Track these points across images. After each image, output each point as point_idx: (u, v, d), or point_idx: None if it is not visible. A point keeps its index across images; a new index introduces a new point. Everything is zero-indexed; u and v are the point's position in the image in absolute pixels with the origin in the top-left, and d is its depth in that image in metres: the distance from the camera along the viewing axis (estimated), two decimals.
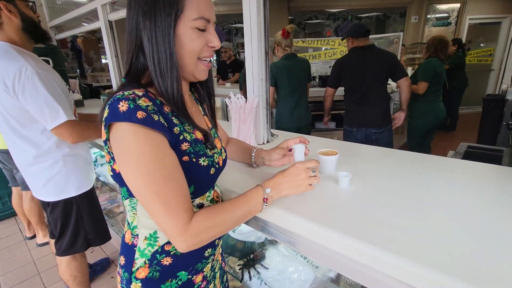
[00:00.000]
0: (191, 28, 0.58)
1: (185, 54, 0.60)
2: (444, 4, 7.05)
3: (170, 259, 0.66)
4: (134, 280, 0.66)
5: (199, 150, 0.63)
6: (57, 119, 1.19)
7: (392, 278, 0.56)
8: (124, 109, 0.51)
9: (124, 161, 0.54)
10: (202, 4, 0.58)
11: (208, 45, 0.62)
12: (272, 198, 0.68)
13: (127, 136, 0.52)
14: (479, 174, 0.92)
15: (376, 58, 2.15)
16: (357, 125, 2.29)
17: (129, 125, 0.52)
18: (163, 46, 0.56)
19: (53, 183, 1.33)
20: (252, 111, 1.18)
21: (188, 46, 0.59)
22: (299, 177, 0.69)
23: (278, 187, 0.68)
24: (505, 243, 0.57)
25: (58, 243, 1.46)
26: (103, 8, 2.00)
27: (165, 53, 0.57)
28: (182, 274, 0.68)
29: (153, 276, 0.66)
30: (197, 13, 0.58)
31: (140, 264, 0.65)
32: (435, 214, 0.68)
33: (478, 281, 0.47)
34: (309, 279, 1.00)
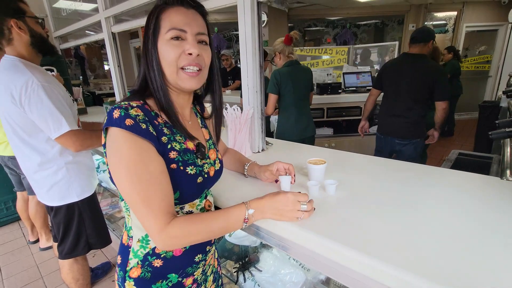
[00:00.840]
0: (167, 41, 0.64)
1: (165, 65, 0.66)
2: (441, 12, 7.16)
3: (161, 261, 0.71)
4: (128, 279, 0.72)
5: (188, 159, 0.68)
6: (60, 129, 1.26)
7: (373, 280, 0.61)
8: (117, 116, 0.59)
9: (113, 163, 0.61)
10: (174, 17, 0.64)
11: (184, 53, 0.65)
12: (254, 218, 0.69)
13: (117, 140, 0.59)
14: (462, 183, 0.97)
15: (420, 69, 2.04)
16: (384, 132, 2.27)
17: (118, 130, 0.59)
18: (152, 64, 0.65)
19: (57, 189, 1.40)
20: (247, 121, 1.25)
21: (165, 57, 0.65)
22: (287, 208, 0.70)
23: (263, 209, 0.70)
24: (477, 249, 0.63)
25: (60, 246, 1.52)
26: (106, 21, 2.08)
27: (154, 70, 0.65)
28: (173, 276, 0.73)
29: (145, 276, 0.71)
30: (169, 25, 0.64)
31: (133, 264, 0.71)
32: (415, 220, 0.74)
33: (453, 282, 0.53)
34: (300, 281, 1.05)
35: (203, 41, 0.68)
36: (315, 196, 0.87)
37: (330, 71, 3.84)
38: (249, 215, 0.68)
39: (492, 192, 0.88)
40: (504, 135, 1.09)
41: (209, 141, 0.82)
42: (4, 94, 1.21)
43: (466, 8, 6.89)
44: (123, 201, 0.71)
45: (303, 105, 2.37)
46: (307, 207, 0.72)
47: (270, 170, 0.95)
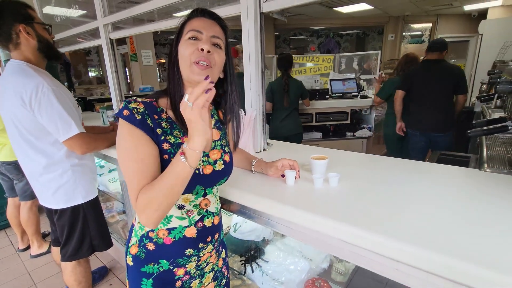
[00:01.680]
0: (185, 40, 0.74)
1: (181, 62, 0.74)
2: (417, 23, 7.61)
3: (153, 245, 0.79)
4: (128, 254, 0.82)
5: None
6: (69, 132, 1.30)
7: (374, 253, 0.71)
8: (120, 107, 0.71)
9: (116, 146, 0.72)
10: (194, 23, 0.75)
11: (197, 49, 0.71)
12: (189, 150, 0.63)
13: (118, 127, 0.71)
14: (447, 174, 1.09)
15: (446, 70, 2.45)
16: (421, 129, 2.59)
17: (120, 119, 0.71)
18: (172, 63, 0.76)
19: (62, 192, 1.42)
20: (250, 123, 1.34)
21: (182, 54, 0.74)
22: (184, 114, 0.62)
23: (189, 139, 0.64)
24: (460, 219, 0.74)
25: (64, 248, 1.53)
26: (105, 28, 2.13)
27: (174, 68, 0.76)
28: (164, 262, 0.80)
29: (140, 255, 0.80)
30: (189, 28, 0.75)
31: (133, 242, 0.81)
32: (409, 203, 0.84)
33: (446, 251, 0.63)
34: (305, 269, 1.13)
35: (217, 44, 0.75)
36: (319, 187, 0.96)
37: (317, 78, 4.00)
38: (184, 148, 0.64)
39: (472, 180, 1.01)
40: (480, 133, 1.23)
41: (216, 142, 0.85)
42: (13, 98, 1.24)
43: (440, 20, 7.37)
44: None
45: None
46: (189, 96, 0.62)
47: (276, 166, 1.03)
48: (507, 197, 0.86)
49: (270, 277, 1.13)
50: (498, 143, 1.58)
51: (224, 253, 1.01)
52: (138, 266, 0.80)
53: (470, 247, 0.63)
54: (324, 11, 6.53)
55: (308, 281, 1.10)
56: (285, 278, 1.12)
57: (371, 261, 0.74)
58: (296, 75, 4.32)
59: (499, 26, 5.20)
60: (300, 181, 1.03)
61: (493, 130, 1.16)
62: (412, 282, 0.69)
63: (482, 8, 6.38)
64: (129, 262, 0.82)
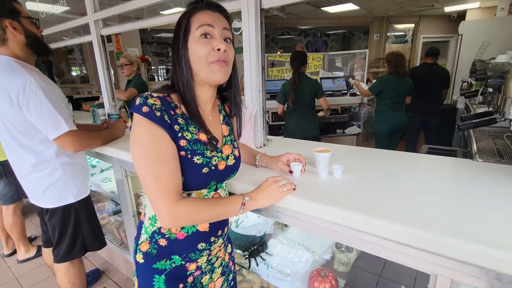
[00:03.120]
0: (197, 38, 0.71)
1: (196, 61, 0.72)
2: (401, 24, 7.84)
3: (165, 241, 0.78)
4: (138, 251, 0.80)
5: (197, 149, 0.75)
6: (58, 129, 1.27)
7: (381, 238, 0.74)
8: (137, 103, 0.68)
9: (132, 144, 0.69)
10: (202, 17, 0.72)
11: (213, 49, 0.71)
12: (250, 206, 0.79)
13: (135, 124, 0.68)
14: (441, 164, 1.15)
15: (439, 71, 3.44)
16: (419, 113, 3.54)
17: (137, 116, 0.68)
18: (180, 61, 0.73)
19: (53, 190, 1.38)
20: (251, 118, 1.35)
21: (196, 53, 0.72)
22: (270, 188, 0.82)
23: (256, 198, 0.80)
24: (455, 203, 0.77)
25: (56, 249, 1.49)
26: (95, 24, 2.08)
27: (183, 66, 0.73)
28: (176, 258, 0.80)
29: (152, 252, 0.79)
30: (198, 23, 0.71)
31: (143, 239, 0.79)
32: (411, 190, 0.88)
33: (434, 229, 0.66)
34: (309, 260, 1.15)
35: (228, 38, 0.76)
36: (324, 179, 0.99)
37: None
38: (246, 201, 0.78)
39: (467, 169, 1.06)
40: (470, 126, 1.29)
41: (226, 137, 0.87)
42: (0, 95, 1.19)
43: (422, 21, 7.62)
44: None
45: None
46: (286, 181, 0.84)
47: (281, 161, 1.03)
48: (500, 183, 0.92)
49: (275, 269, 1.15)
50: (485, 136, 1.67)
51: (230, 248, 1.01)
52: (150, 263, 0.79)
53: (475, 228, 0.67)
54: (311, 11, 6.61)
55: (313, 272, 1.12)
56: (290, 270, 1.14)
57: (379, 246, 0.76)
58: (286, 73, 4.36)
59: (477, 27, 5.44)
60: (305, 174, 1.05)
61: (483, 123, 1.23)
62: (419, 264, 0.72)
63: (461, 10, 6.65)
64: (139, 259, 0.81)
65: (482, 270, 0.63)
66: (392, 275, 1.23)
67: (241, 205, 0.76)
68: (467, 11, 6.45)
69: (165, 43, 7.66)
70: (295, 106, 2.83)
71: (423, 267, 0.71)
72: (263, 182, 0.84)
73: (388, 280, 1.21)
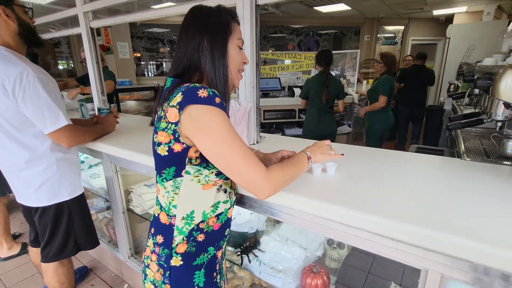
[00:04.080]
0: (236, 45, 0.79)
1: (232, 64, 0.78)
2: (391, 25, 7.96)
3: (203, 235, 0.79)
4: (175, 255, 0.77)
5: None
6: (57, 123, 1.22)
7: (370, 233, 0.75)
8: (205, 95, 0.67)
9: (207, 135, 0.67)
10: (239, 31, 0.82)
11: (242, 61, 0.83)
12: (313, 158, 0.90)
13: (210, 116, 0.67)
14: (430, 162, 1.18)
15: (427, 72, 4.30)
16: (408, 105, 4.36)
17: (210, 108, 0.67)
18: (220, 56, 0.75)
19: (46, 188, 1.33)
20: (245, 115, 1.34)
21: (234, 58, 0.79)
22: (323, 147, 0.94)
23: (314, 153, 0.91)
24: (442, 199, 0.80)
25: (46, 249, 1.44)
26: (85, 16, 2.02)
27: (221, 61, 0.75)
28: (211, 249, 0.82)
29: (191, 250, 0.78)
30: (239, 34, 0.81)
31: (179, 241, 0.77)
32: (397, 186, 0.90)
33: (426, 225, 0.68)
34: (302, 257, 1.16)
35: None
36: (318, 176, 0.99)
37: (299, 75, 4.07)
38: (309, 154, 0.89)
39: (456, 167, 1.09)
40: (459, 126, 1.33)
41: None
42: None
43: (411, 24, 7.76)
44: (170, 181, 0.75)
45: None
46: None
47: (276, 158, 1.03)
48: (487, 181, 0.95)
49: (267, 266, 1.15)
50: (472, 136, 1.71)
51: None
52: (190, 261, 0.79)
53: (465, 224, 0.69)
54: (304, 10, 6.63)
55: (305, 268, 1.13)
56: (282, 267, 1.15)
57: (372, 242, 0.78)
58: (279, 71, 4.36)
59: (464, 30, 5.59)
60: None
61: (471, 123, 1.26)
62: (410, 260, 0.73)
63: (449, 14, 6.80)
64: (175, 263, 0.77)
65: (471, 265, 0.65)
66: (381, 271, 1.26)
67: (308, 159, 0.88)
68: (454, 15, 6.61)
69: (156, 38, 7.53)
70: (316, 103, 2.95)
71: (415, 262, 0.73)
72: (314, 143, 0.97)
73: (377, 277, 1.23)
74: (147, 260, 0.84)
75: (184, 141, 0.70)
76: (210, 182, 0.76)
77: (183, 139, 0.70)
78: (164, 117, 0.71)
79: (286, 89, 4.04)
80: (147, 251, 0.84)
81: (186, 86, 0.69)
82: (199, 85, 0.69)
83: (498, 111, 1.17)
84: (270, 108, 3.70)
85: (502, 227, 0.67)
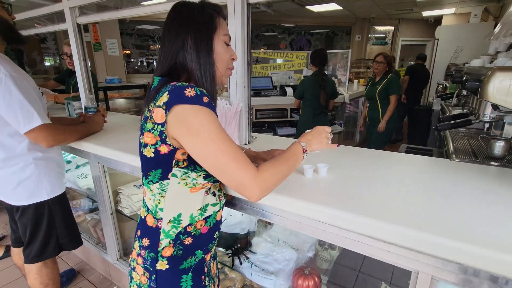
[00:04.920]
0: (222, 42, 0.77)
1: (219, 61, 0.76)
2: (381, 26, 8.05)
3: (191, 239, 0.77)
4: (160, 259, 0.75)
5: None
6: (31, 122, 1.19)
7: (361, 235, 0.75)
8: (192, 94, 0.64)
9: (195, 136, 0.64)
10: (225, 27, 0.78)
11: (230, 58, 0.80)
12: (308, 149, 0.83)
13: (198, 116, 0.64)
14: (420, 162, 1.19)
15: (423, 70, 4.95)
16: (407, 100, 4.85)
17: (197, 107, 0.64)
18: (205, 57, 0.72)
19: (24, 187, 1.31)
20: (236, 115, 1.33)
21: (221, 55, 0.76)
22: (321, 135, 0.86)
23: (309, 142, 0.84)
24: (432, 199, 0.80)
25: (27, 249, 1.41)
26: (71, 11, 1.96)
27: (208, 62, 0.73)
28: (199, 252, 0.80)
29: (177, 254, 0.76)
30: (225, 31, 0.77)
31: (165, 244, 0.75)
32: (389, 188, 0.90)
33: (417, 227, 0.68)
34: (293, 258, 1.16)
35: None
36: (309, 177, 0.99)
37: (291, 74, 4.07)
38: (304, 146, 0.82)
39: (445, 168, 1.10)
40: (448, 126, 1.35)
41: None
42: None
43: (401, 24, 7.86)
44: (156, 183, 0.73)
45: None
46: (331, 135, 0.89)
47: (268, 158, 1.01)
48: (476, 182, 0.96)
49: (259, 267, 1.14)
50: (460, 137, 1.74)
51: None
52: (177, 265, 0.77)
53: (455, 225, 0.69)
54: (296, 9, 6.63)
55: (297, 269, 1.12)
56: (274, 268, 1.14)
57: (363, 244, 0.77)
58: (271, 70, 4.35)
59: (452, 32, 5.70)
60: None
61: (460, 124, 1.28)
62: (401, 262, 0.74)
63: (438, 15, 6.92)
64: (161, 267, 0.76)
65: (461, 267, 0.65)
66: (372, 271, 1.27)
67: (303, 152, 0.81)
68: (443, 17, 6.72)
69: (146, 35, 7.41)
70: (311, 103, 2.96)
71: (406, 264, 0.73)
72: (314, 129, 0.88)
73: (368, 275, 1.24)
74: (133, 263, 0.82)
75: (171, 143, 0.68)
76: (198, 185, 0.74)
77: (170, 141, 0.68)
78: (150, 117, 0.68)
79: (278, 88, 4.03)
80: (133, 254, 0.82)
81: (172, 85, 0.66)
82: (186, 84, 0.66)
83: (486, 112, 1.19)
84: (262, 107, 3.69)
85: (491, 229, 0.68)
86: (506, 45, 2.35)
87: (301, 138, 0.85)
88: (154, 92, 0.69)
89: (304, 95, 3.00)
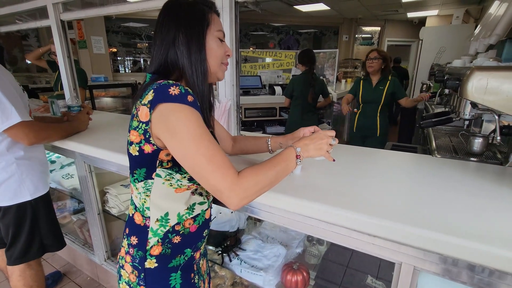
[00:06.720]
0: (216, 38, 0.75)
1: (212, 57, 0.75)
2: (368, 26, 8.20)
3: (179, 237, 0.76)
4: (149, 257, 0.75)
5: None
6: (9, 119, 1.16)
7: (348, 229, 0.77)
8: (176, 92, 0.63)
9: (175, 134, 0.62)
10: (218, 22, 0.78)
11: (225, 54, 0.79)
12: (302, 155, 0.75)
13: (179, 115, 0.62)
14: (403, 159, 1.23)
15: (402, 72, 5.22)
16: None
17: (181, 106, 0.62)
18: (197, 54, 0.71)
19: (5, 187, 1.28)
20: (225, 112, 1.33)
21: (215, 51, 0.75)
22: (322, 141, 0.78)
23: (306, 148, 0.76)
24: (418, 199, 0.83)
25: (9, 250, 1.38)
26: (54, 7, 1.91)
27: (199, 59, 0.72)
28: (188, 251, 0.80)
29: (166, 252, 0.76)
30: (218, 27, 0.76)
31: (153, 243, 0.74)
32: (374, 183, 0.93)
33: (400, 220, 0.71)
34: (282, 254, 1.18)
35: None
36: (297, 173, 1.00)
37: (280, 73, 4.09)
38: (299, 152, 0.74)
39: (427, 164, 1.14)
40: (430, 124, 1.39)
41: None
42: None
43: (387, 25, 8.02)
44: (141, 182, 0.72)
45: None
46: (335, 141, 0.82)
47: (296, 136, 0.96)
48: (456, 177, 1.00)
49: (248, 264, 1.15)
50: (442, 134, 1.80)
51: None
52: (165, 263, 0.76)
53: (435, 217, 0.72)
54: (284, 8, 6.67)
55: (286, 265, 1.14)
56: (263, 264, 1.15)
57: (350, 238, 0.80)
58: (260, 69, 4.36)
59: (435, 33, 5.87)
60: None
61: (442, 122, 1.32)
62: (386, 254, 0.76)
63: (422, 16, 7.10)
64: (150, 265, 0.75)
65: (441, 257, 0.68)
66: (359, 265, 1.30)
67: (297, 158, 0.74)
68: (427, 18, 6.91)
69: (133, 33, 7.28)
70: (300, 102, 3.00)
71: (390, 256, 0.76)
72: (315, 133, 0.81)
73: (355, 270, 1.27)
74: (121, 260, 0.81)
75: (155, 142, 0.67)
76: (183, 187, 0.73)
77: (154, 140, 0.67)
78: (136, 115, 0.68)
79: (267, 87, 4.05)
80: (122, 252, 0.81)
81: (158, 83, 0.65)
82: (172, 82, 0.65)
83: (465, 110, 1.24)
84: (251, 106, 3.70)
85: (470, 220, 0.71)
86: (485, 46, 2.45)
87: (298, 142, 0.78)
88: (142, 90, 0.69)
89: (293, 93, 3.04)
